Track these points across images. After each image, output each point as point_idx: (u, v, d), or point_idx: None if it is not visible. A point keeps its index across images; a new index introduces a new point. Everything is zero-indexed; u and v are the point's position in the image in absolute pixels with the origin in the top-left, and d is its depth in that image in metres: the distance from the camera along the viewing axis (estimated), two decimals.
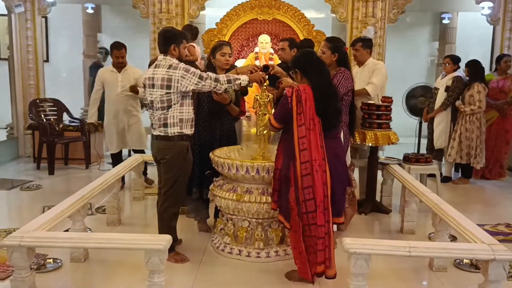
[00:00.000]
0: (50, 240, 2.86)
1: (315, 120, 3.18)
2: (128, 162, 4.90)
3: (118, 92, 5.55)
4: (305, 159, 3.14)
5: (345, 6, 7.15)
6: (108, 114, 5.66)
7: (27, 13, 7.25)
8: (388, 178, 5.16)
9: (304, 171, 3.14)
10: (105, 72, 5.70)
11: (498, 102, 6.47)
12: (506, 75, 6.59)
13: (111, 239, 2.91)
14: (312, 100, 3.16)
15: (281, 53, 4.88)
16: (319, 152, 3.17)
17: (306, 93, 3.16)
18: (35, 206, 5.08)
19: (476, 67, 6.21)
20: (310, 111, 3.15)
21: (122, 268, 3.55)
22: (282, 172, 3.30)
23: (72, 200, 3.48)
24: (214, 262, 3.72)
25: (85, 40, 10.12)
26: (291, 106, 3.13)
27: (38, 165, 6.79)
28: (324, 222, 3.14)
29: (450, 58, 6.25)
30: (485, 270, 2.72)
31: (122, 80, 5.56)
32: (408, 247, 2.75)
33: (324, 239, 3.15)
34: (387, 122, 4.80)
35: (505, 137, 6.58)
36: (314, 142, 3.15)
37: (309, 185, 3.14)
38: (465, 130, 6.14)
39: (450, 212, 3.40)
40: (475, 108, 6.03)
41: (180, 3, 7.10)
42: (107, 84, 5.60)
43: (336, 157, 3.40)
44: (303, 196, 3.15)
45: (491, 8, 7.32)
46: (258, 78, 3.76)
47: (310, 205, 3.14)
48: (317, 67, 3.32)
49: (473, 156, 6.17)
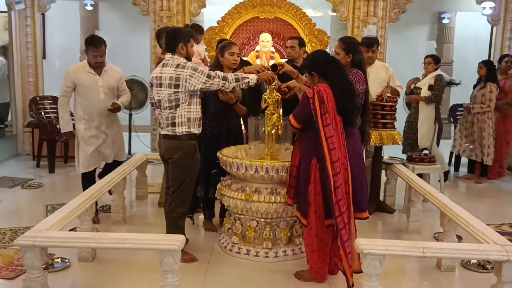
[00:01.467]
0: (63, 240, 2.85)
1: (337, 120, 3.18)
2: (132, 161, 4.88)
3: (101, 99, 4.41)
4: (336, 158, 3.12)
5: (346, 5, 7.17)
6: (85, 126, 4.40)
7: (27, 10, 7.19)
8: (391, 178, 5.18)
9: (335, 170, 3.11)
10: (79, 72, 4.39)
11: (499, 102, 6.51)
12: (507, 75, 6.64)
13: (125, 239, 2.89)
14: (333, 100, 3.16)
15: (290, 51, 4.86)
16: (341, 151, 3.17)
17: (327, 93, 3.15)
18: (37, 204, 5.06)
19: (492, 67, 6.33)
20: (332, 111, 3.15)
21: (131, 268, 3.53)
22: (301, 169, 3.30)
23: (81, 200, 3.46)
24: (222, 262, 3.72)
25: (82, 37, 10.06)
26: (314, 107, 3.11)
27: (38, 163, 6.74)
28: (347, 218, 3.14)
29: (432, 57, 6.29)
30: (498, 271, 2.74)
31: (103, 84, 4.42)
32: (422, 247, 2.76)
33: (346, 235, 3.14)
34: (392, 122, 4.82)
35: (506, 137, 6.64)
36: (337, 141, 3.15)
37: (340, 184, 3.11)
38: (479, 129, 6.30)
39: (459, 212, 3.41)
40: (484, 106, 6.16)
41: (181, 1, 7.09)
42: (83, 88, 4.38)
43: (356, 153, 3.40)
44: (341, 195, 3.10)
45: (492, 8, 7.37)
46: (267, 77, 3.74)
47: (343, 205, 3.12)
48: (335, 67, 3.29)
49: (485, 154, 6.31)
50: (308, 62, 3.41)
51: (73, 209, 3.26)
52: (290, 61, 4.74)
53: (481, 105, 6.21)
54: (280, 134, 3.84)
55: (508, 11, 7.32)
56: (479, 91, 6.29)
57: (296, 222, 3.82)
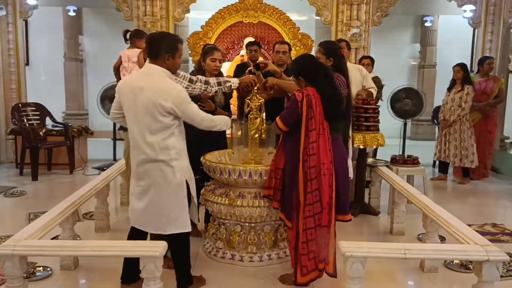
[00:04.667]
0: (43, 248, 2.81)
1: (324, 125, 3.20)
2: (116, 167, 4.84)
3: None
4: (313, 163, 3.16)
5: (329, 9, 7.21)
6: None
7: (8, 17, 7.14)
8: (376, 180, 5.20)
9: (312, 175, 3.16)
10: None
11: (481, 104, 6.60)
12: (488, 77, 6.72)
13: (106, 246, 2.86)
14: (321, 105, 3.18)
15: (282, 56, 4.87)
16: (327, 155, 3.18)
17: (316, 98, 3.17)
18: (20, 212, 4.99)
19: (466, 70, 6.39)
20: (320, 116, 3.17)
21: (114, 276, 3.47)
22: (287, 172, 3.32)
23: (62, 207, 3.42)
24: (207, 267, 3.70)
25: (66, 43, 10.02)
26: (301, 111, 3.13)
27: (21, 171, 6.67)
28: (327, 222, 3.16)
29: (370, 59, 6.38)
30: (479, 271, 2.76)
31: None
32: (404, 249, 2.77)
33: (327, 239, 3.17)
34: (375, 124, 4.85)
35: (488, 138, 6.73)
36: (323, 146, 3.16)
37: (316, 188, 3.16)
38: (459, 134, 6.35)
39: (441, 213, 3.44)
40: (460, 112, 6.22)
41: (164, 6, 7.07)
42: None
43: (341, 158, 3.41)
44: (312, 199, 3.16)
45: (473, 11, 7.46)
46: (249, 81, 3.73)
47: (317, 207, 3.17)
48: (322, 72, 3.29)
49: (469, 158, 6.36)
50: (296, 67, 3.40)
51: (54, 217, 3.22)
52: (280, 66, 4.75)
53: (458, 112, 6.26)
54: (263, 138, 3.84)
55: (489, 14, 7.42)
56: (456, 94, 6.33)
57: (280, 225, 3.82)
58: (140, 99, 2.93)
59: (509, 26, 7.37)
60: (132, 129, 3.04)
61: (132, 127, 3.03)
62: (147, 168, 3.01)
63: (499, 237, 4.46)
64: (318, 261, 3.21)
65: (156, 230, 3.13)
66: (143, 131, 2.97)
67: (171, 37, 3.13)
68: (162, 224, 3.09)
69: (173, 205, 3.07)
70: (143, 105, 2.92)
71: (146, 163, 3.01)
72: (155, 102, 2.89)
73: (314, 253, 3.19)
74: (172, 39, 3.07)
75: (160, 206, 3.05)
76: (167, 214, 3.07)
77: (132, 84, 3.01)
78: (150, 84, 2.94)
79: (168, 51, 3.00)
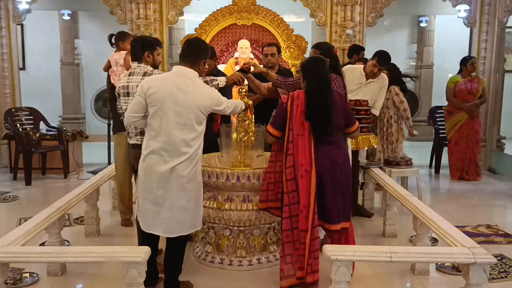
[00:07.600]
0: (25, 255, 2.78)
1: (305, 126, 3.18)
2: (107, 171, 4.82)
3: None
4: (290, 164, 3.16)
5: (324, 10, 7.17)
6: None
7: (1, 21, 7.12)
8: (369, 182, 5.17)
9: (289, 176, 3.17)
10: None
11: (468, 104, 6.61)
12: (471, 77, 6.71)
13: (88, 252, 2.83)
14: (303, 105, 3.18)
15: (271, 59, 4.85)
16: (306, 157, 3.14)
17: (299, 99, 3.20)
18: (11, 217, 4.98)
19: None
20: (300, 116, 3.17)
21: (101, 281, 3.47)
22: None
23: (48, 212, 3.39)
24: (197, 271, 3.67)
25: (62, 47, 10.01)
26: (287, 110, 3.20)
27: (15, 176, 6.65)
28: (306, 227, 3.10)
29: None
30: (466, 273, 2.72)
31: None
32: (389, 252, 2.73)
33: (305, 245, 3.12)
34: (367, 126, 4.82)
35: (476, 137, 6.75)
36: (301, 147, 3.14)
37: (294, 190, 3.16)
38: (387, 130, 5.79)
39: (430, 215, 3.40)
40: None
41: (158, 9, 7.04)
42: None
43: (332, 163, 3.24)
44: (288, 200, 3.17)
45: (467, 11, 7.42)
46: (236, 78, 3.79)
47: (294, 209, 3.16)
48: (316, 75, 3.27)
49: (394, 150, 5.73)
50: (301, 64, 3.53)
51: (39, 223, 3.19)
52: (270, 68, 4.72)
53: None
54: (252, 140, 3.82)
55: (484, 13, 7.37)
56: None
57: (270, 229, 3.79)
58: (184, 101, 3.00)
59: (504, 26, 7.33)
60: (167, 129, 3.01)
61: (168, 127, 3.01)
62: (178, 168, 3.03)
63: (492, 238, 4.42)
64: (296, 267, 3.17)
65: (179, 232, 3.13)
66: (182, 131, 3.02)
67: (207, 44, 3.39)
68: (187, 225, 3.15)
69: (197, 205, 3.21)
70: (187, 107, 2.99)
71: (178, 164, 3.03)
72: (199, 105, 3.03)
73: (291, 257, 3.16)
74: (208, 47, 3.32)
75: (185, 208, 3.10)
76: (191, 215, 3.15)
77: (171, 88, 3.02)
78: (193, 89, 3.04)
79: (204, 57, 3.20)
